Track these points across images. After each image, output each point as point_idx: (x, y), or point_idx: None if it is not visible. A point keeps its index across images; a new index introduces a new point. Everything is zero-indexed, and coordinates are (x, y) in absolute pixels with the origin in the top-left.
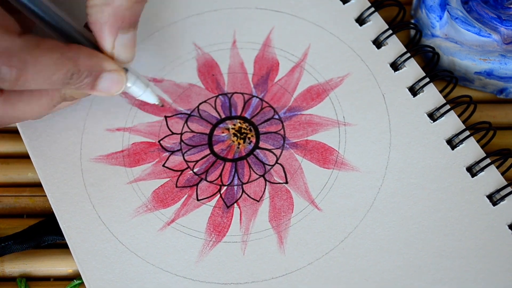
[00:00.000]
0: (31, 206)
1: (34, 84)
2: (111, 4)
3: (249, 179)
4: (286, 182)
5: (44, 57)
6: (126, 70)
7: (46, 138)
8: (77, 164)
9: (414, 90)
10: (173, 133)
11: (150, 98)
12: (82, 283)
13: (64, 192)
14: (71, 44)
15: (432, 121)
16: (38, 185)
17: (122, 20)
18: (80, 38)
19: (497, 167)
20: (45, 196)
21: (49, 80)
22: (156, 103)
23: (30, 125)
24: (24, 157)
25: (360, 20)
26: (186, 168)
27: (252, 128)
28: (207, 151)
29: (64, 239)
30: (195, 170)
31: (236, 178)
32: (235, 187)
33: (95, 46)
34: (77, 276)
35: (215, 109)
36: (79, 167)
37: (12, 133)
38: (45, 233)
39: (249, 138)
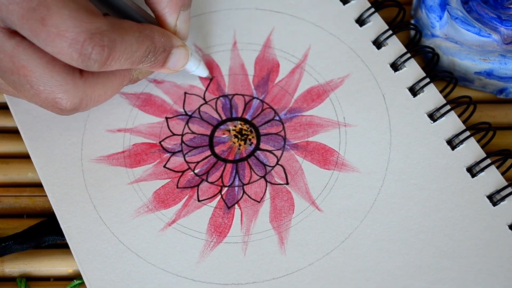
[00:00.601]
0: (31, 206)
1: (118, 64)
2: None
3: (250, 180)
4: (287, 183)
5: (128, 36)
6: None
7: (47, 139)
8: (78, 164)
9: (414, 91)
10: (174, 134)
11: (202, 72)
12: (82, 283)
13: (65, 193)
14: (143, 23)
15: (432, 122)
16: (38, 185)
17: None
18: (142, 19)
19: (497, 167)
20: (45, 196)
21: (131, 59)
22: (209, 76)
23: (31, 126)
24: (24, 157)
25: (360, 21)
26: (187, 169)
27: (252, 130)
28: (208, 152)
29: (64, 239)
30: (196, 171)
31: (237, 179)
32: (236, 188)
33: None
34: (77, 276)
35: (216, 110)
36: (79, 168)
37: (12, 133)
38: (45, 234)
39: (250, 140)
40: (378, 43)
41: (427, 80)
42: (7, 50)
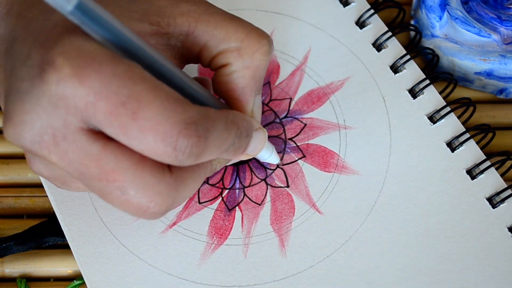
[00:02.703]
0: (31, 206)
1: (210, 154)
2: (251, 66)
3: (250, 182)
4: (288, 186)
5: (218, 123)
6: None
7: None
8: None
9: (414, 92)
10: None
11: (275, 159)
12: (82, 283)
13: (66, 194)
14: (223, 109)
15: (432, 124)
16: (38, 186)
17: (259, 81)
18: (215, 104)
19: (497, 169)
20: (45, 196)
21: (220, 148)
22: (279, 163)
23: None
24: (24, 157)
25: (360, 23)
26: None
27: None
28: None
29: (64, 240)
30: None
31: (237, 181)
32: (237, 190)
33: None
34: (77, 276)
35: None
36: None
37: None
38: (46, 234)
39: None
40: (378, 45)
41: (427, 81)
42: (92, 155)
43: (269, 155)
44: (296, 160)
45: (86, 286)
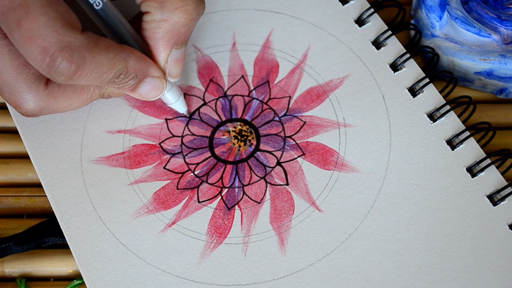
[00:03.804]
0: (31, 206)
1: (86, 80)
2: (169, 20)
3: (250, 181)
4: (287, 184)
5: (101, 56)
6: None
7: (46, 140)
8: (78, 165)
9: (414, 91)
10: (174, 136)
11: (180, 107)
12: (82, 283)
13: (65, 193)
14: (124, 45)
15: (432, 122)
16: (38, 186)
17: (178, 36)
18: (133, 42)
19: (497, 167)
20: (45, 196)
21: (100, 78)
22: (185, 113)
23: (30, 127)
24: (24, 157)
25: (360, 21)
26: (187, 171)
27: (252, 131)
28: (208, 154)
29: (65, 240)
30: (196, 172)
31: (237, 180)
32: (236, 189)
33: (146, 53)
34: (77, 276)
35: (216, 111)
36: (79, 169)
37: (12, 133)
38: (46, 234)
39: (249, 141)
40: (377, 44)
41: (427, 80)
42: None
43: (172, 102)
44: (295, 158)
45: (86, 286)
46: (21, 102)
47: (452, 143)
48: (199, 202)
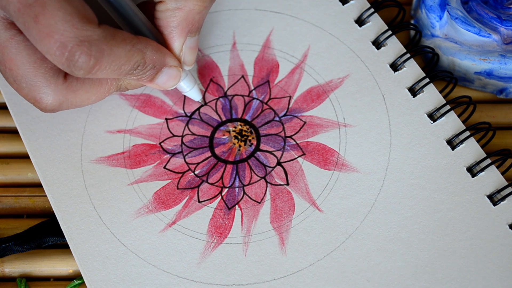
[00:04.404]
0: (31, 206)
1: (105, 73)
2: (183, 8)
3: (250, 181)
4: (287, 184)
5: (118, 48)
6: None
7: (46, 140)
8: (78, 165)
9: (414, 91)
10: (174, 136)
11: (195, 95)
12: (82, 283)
13: (65, 193)
14: (140, 36)
15: (432, 122)
16: (38, 185)
17: (192, 24)
18: (148, 33)
19: (497, 167)
20: (45, 196)
21: (118, 71)
22: (200, 101)
23: (30, 126)
24: (24, 157)
25: (360, 21)
26: (187, 170)
27: (253, 130)
28: (208, 154)
29: (64, 240)
30: (196, 172)
31: (237, 180)
32: (236, 189)
33: (160, 43)
34: (77, 276)
35: (216, 111)
36: (79, 169)
37: (12, 133)
38: (45, 235)
39: (250, 141)
40: (377, 43)
41: (427, 80)
42: (1, 40)
43: (187, 90)
44: (295, 158)
45: (86, 285)
46: (41, 97)
47: (452, 143)
48: (199, 202)
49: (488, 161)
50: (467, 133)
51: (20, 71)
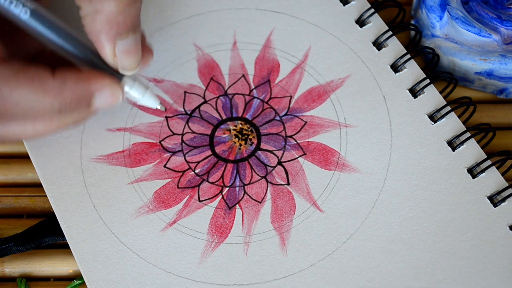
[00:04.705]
0: (31, 206)
1: (15, 114)
2: (102, 11)
3: (250, 180)
4: (288, 184)
5: (20, 89)
6: (121, 76)
7: (46, 139)
8: (78, 164)
9: (414, 92)
10: (174, 134)
11: (150, 102)
12: (82, 283)
13: (65, 192)
14: (57, 70)
15: (432, 123)
16: (38, 185)
17: (117, 26)
18: (82, 48)
19: (498, 168)
20: (45, 196)
21: (31, 112)
22: (158, 107)
23: None
24: (24, 157)
25: (360, 22)
26: (188, 169)
27: (253, 130)
28: (209, 152)
29: (64, 239)
30: (196, 171)
31: (237, 179)
32: (237, 188)
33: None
34: (77, 276)
35: (216, 110)
36: (79, 167)
37: None
38: (45, 234)
39: (250, 140)
40: (378, 44)
41: (427, 81)
42: None
43: (139, 98)
44: (296, 158)
45: (86, 285)
46: None
47: (452, 144)
48: (199, 201)
49: (489, 162)
50: (468, 134)
51: None
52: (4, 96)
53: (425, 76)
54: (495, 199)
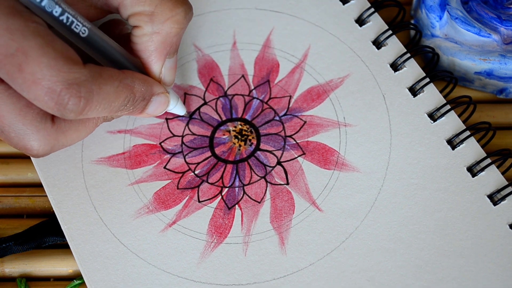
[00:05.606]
0: (31, 206)
1: (95, 112)
2: (161, 32)
3: (250, 180)
4: (287, 183)
5: (107, 86)
6: None
7: None
8: (78, 166)
9: (414, 91)
10: (174, 135)
11: (180, 110)
12: (82, 283)
13: (66, 194)
14: (126, 70)
15: (432, 121)
16: (38, 185)
17: (170, 46)
18: (128, 63)
19: (498, 167)
20: (45, 196)
21: (109, 108)
22: (185, 115)
23: None
24: (24, 157)
25: (360, 21)
26: (188, 170)
27: (253, 130)
28: (208, 153)
29: (64, 239)
30: (196, 172)
31: (237, 179)
32: (236, 188)
33: (141, 71)
34: (77, 276)
35: (216, 111)
36: (80, 169)
37: None
38: (45, 234)
39: (250, 140)
40: (378, 43)
41: (427, 80)
42: None
43: (172, 108)
44: (296, 158)
45: (86, 286)
46: (31, 145)
47: (452, 143)
48: (199, 201)
49: (488, 160)
50: (467, 133)
51: (6, 121)
52: (95, 93)
53: (424, 75)
54: (495, 198)
